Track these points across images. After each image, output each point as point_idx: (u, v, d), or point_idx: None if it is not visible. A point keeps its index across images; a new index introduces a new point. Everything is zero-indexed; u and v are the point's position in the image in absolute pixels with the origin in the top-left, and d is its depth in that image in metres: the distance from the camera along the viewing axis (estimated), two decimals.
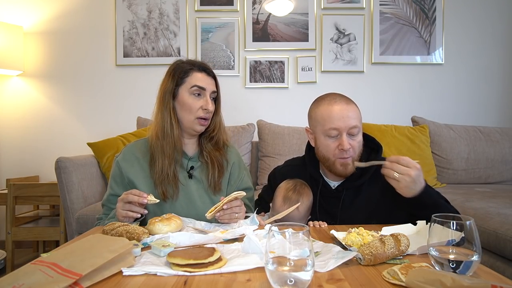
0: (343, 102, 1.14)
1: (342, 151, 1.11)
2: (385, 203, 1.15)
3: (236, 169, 1.33)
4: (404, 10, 2.84)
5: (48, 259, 0.71)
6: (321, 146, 1.17)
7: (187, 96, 1.21)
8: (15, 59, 2.66)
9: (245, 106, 2.84)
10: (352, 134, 1.12)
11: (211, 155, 1.27)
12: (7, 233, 2.26)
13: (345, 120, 1.10)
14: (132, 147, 1.29)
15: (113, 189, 1.24)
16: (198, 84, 1.20)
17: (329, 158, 1.15)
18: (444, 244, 0.70)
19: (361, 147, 1.16)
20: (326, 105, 1.15)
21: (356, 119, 1.12)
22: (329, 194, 1.21)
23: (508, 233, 1.43)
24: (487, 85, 2.90)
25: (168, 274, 0.72)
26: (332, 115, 1.11)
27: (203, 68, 1.24)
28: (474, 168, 2.47)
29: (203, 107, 1.21)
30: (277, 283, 0.60)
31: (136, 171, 1.23)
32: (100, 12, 2.81)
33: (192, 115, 1.21)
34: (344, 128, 1.10)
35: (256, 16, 2.83)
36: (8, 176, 2.68)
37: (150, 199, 1.06)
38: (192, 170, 1.27)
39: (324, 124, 1.13)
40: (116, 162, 1.26)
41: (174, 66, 1.25)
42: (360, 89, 2.85)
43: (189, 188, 1.24)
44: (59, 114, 2.82)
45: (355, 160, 1.13)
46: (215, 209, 1.06)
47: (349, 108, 1.13)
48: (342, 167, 1.14)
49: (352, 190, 1.19)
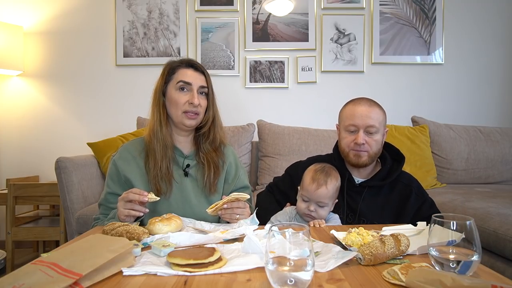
0: (366, 105, 1.27)
1: (356, 144, 1.24)
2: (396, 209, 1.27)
3: (232, 168, 1.34)
4: (404, 10, 2.84)
5: (48, 259, 0.71)
6: (341, 139, 1.31)
7: (173, 92, 1.23)
8: (15, 59, 2.66)
9: (245, 106, 2.84)
10: (370, 132, 1.24)
11: (207, 156, 1.28)
12: (7, 233, 2.26)
13: (364, 119, 1.23)
14: (128, 146, 1.30)
15: (110, 187, 1.24)
16: (183, 79, 1.23)
17: (344, 149, 1.29)
18: (445, 245, 0.70)
19: (379, 147, 1.27)
20: (351, 105, 1.30)
21: (375, 120, 1.24)
22: (353, 188, 1.31)
23: (508, 233, 1.43)
24: (487, 85, 2.90)
25: (168, 274, 0.72)
26: (354, 113, 1.26)
27: (190, 64, 1.26)
28: (474, 168, 2.47)
29: (189, 101, 1.22)
30: (277, 283, 0.60)
31: (133, 169, 1.24)
32: (100, 12, 2.81)
33: (179, 110, 1.23)
34: (362, 125, 1.23)
35: (256, 16, 2.83)
36: (8, 176, 2.68)
37: (150, 197, 1.06)
38: (188, 168, 1.28)
39: (346, 121, 1.28)
40: (113, 161, 1.26)
41: (165, 66, 1.28)
42: (360, 89, 2.84)
43: (185, 186, 1.25)
44: (59, 114, 2.82)
45: (371, 155, 1.26)
46: (215, 206, 1.06)
47: (371, 109, 1.25)
48: (355, 158, 1.26)
49: (374, 189, 1.29)
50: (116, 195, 1.21)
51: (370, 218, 1.24)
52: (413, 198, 1.26)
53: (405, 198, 1.26)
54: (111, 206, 1.23)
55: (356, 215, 1.27)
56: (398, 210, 1.26)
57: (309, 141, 2.44)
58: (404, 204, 1.25)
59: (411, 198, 1.26)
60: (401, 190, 1.27)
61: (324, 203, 1.19)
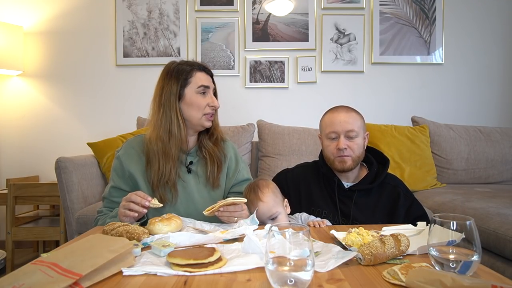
0: (343, 111, 1.32)
1: (339, 150, 1.27)
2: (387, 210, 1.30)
3: (233, 162, 1.37)
4: (404, 10, 2.84)
5: (48, 259, 0.71)
6: (325, 148, 1.35)
7: (194, 96, 1.25)
8: (15, 59, 2.66)
9: (245, 106, 2.84)
10: (350, 136, 1.28)
11: (210, 151, 1.31)
12: (7, 233, 2.26)
13: (343, 124, 1.28)
14: (132, 142, 1.32)
15: (115, 181, 1.26)
16: (204, 84, 1.26)
17: (329, 157, 1.33)
18: (445, 245, 0.70)
19: (361, 150, 1.31)
20: (330, 114, 1.35)
21: (354, 124, 1.28)
22: (343, 193, 1.33)
23: (508, 233, 1.43)
24: (487, 85, 2.90)
25: (168, 274, 0.72)
26: (333, 121, 1.31)
27: (202, 68, 1.29)
28: (474, 168, 2.47)
29: (209, 104, 1.26)
30: (277, 283, 0.60)
31: (137, 165, 1.25)
32: (100, 12, 2.81)
33: (200, 112, 1.25)
34: (342, 131, 1.28)
35: (256, 16, 2.83)
36: (8, 176, 2.68)
37: (153, 203, 1.06)
38: (191, 165, 1.29)
39: (326, 129, 1.33)
40: (118, 156, 1.28)
41: (173, 69, 1.26)
42: (360, 89, 2.85)
43: (188, 182, 1.27)
44: (59, 114, 2.82)
45: (354, 159, 1.29)
46: (211, 208, 1.07)
47: (348, 115, 1.30)
48: (340, 164, 1.30)
49: (363, 192, 1.31)
50: (120, 189, 1.25)
51: (363, 221, 1.26)
52: (402, 198, 1.29)
53: (395, 199, 1.30)
54: (114, 200, 1.25)
55: (350, 219, 1.29)
56: (389, 211, 1.29)
57: (309, 141, 2.44)
58: (395, 205, 1.29)
59: (400, 199, 1.29)
60: (390, 192, 1.31)
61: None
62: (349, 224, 1.28)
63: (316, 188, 1.37)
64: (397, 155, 2.35)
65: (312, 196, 1.36)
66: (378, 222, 1.23)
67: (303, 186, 1.40)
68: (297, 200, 1.36)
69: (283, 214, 1.18)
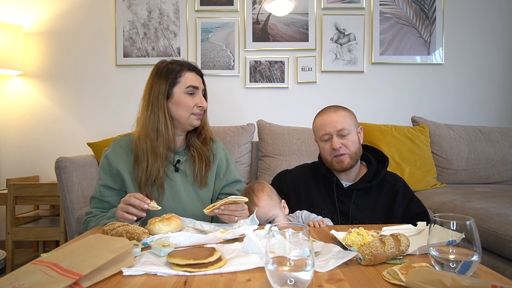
0: (331, 111, 1.34)
1: (334, 150, 1.29)
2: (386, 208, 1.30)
3: (223, 163, 1.37)
4: (404, 10, 2.84)
5: (48, 259, 0.71)
6: (321, 150, 1.37)
7: (183, 96, 1.26)
8: (15, 59, 2.66)
9: (245, 106, 2.84)
10: (342, 134, 1.29)
11: (198, 150, 1.31)
12: (7, 233, 2.26)
13: (333, 124, 1.30)
14: (120, 141, 1.32)
15: (102, 179, 1.26)
16: (193, 84, 1.26)
17: (327, 159, 1.34)
18: (445, 245, 0.70)
19: (356, 146, 1.31)
20: (319, 117, 1.37)
21: (344, 122, 1.30)
22: (342, 192, 1.33)
23: (508, 233, 1.43)
24: (487, 85, 2.90)
25: (168, 274, 0.72)
26: (323, 123, 1.33)
27: (192, 68, 1.30)
28: (474, 168, 2.47)
29: (198, 104, 1.27)
30: (277, 283, 0.60)
31: (124, 164, 1.26)
32: (100, 12, 2.81)
33: (188, 112, 1.26)
34: (333, 131, 1.29)
35: (256, 16, 2.83)
36: (8, 176, 2.68)
37: (152, 205, 1.06)
38: (179, 164, 1.30)
39: (319, 132, 1.35)
40: (105, 155, 1.29)
41: (162, 68, 1.29)
42: (360, 89, 2.85)
43: (175, 181, 1.27)
44: (59, 114, 2.82)
45: (352, 156, 1.30)
46: (213, 207, 1.07)
47: (336, 114, 1.32)
48: (338, 164, 1.31)
49: (362, 191, 1.32)
50: (109, 187, 1.24)
51: (362, 221, 1.26)
52: (400, 196, 1.29)
53: (393, 197, 1.30)
54: (104, 199, 1.24)
55: (349, 219, 1.29)
56: (387, 209, 1.29)
57: (309, 141, 2.44)
58: (393, 204, 1.29)
59: (398, 197, 1.29)
60: (389, 190, 1.31)
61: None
62: (348, 223, 1.28)
63: (315, 188, 1.37)
64: (397, 155, 2.35)
65: (311, 197, 1.36)
66: (378, 221, 1.23)
67: (302, 187, 1.40)
68: (296, 201, 1.37)
69: (281, 216, 1.18)
